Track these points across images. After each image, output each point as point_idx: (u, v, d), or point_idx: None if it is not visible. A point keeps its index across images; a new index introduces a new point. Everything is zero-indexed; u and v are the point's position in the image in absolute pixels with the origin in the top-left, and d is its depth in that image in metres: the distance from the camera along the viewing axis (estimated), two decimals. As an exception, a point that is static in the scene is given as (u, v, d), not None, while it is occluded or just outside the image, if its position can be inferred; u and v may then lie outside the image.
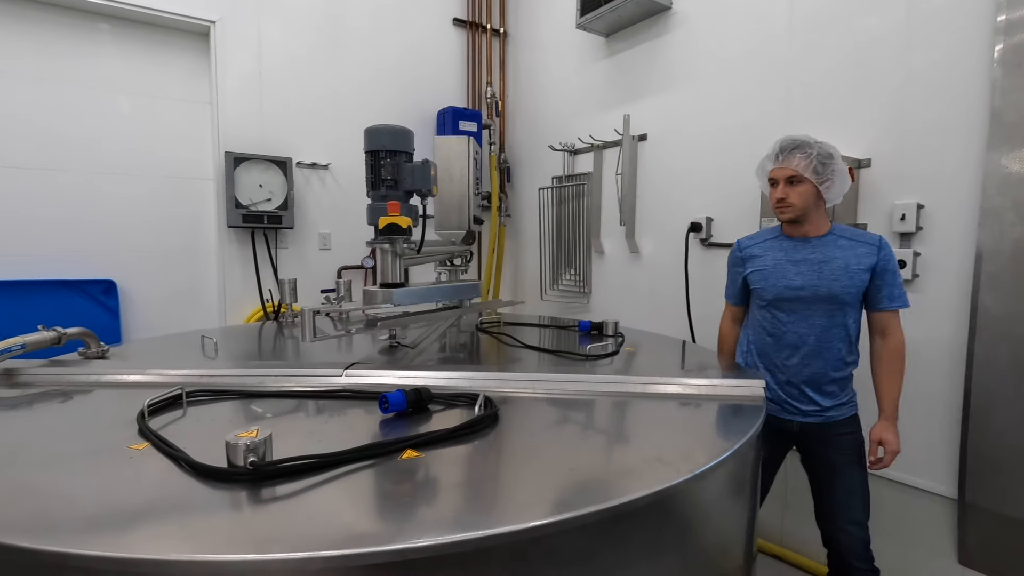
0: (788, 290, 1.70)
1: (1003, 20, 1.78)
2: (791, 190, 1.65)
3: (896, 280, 1.63)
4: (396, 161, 1.60)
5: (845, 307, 1.65)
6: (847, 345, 1.69)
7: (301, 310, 1.55)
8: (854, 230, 1.73)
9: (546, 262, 3.72)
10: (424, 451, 0.95)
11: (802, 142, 1.65)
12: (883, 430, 1.67)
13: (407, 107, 3.69)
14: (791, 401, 1.76)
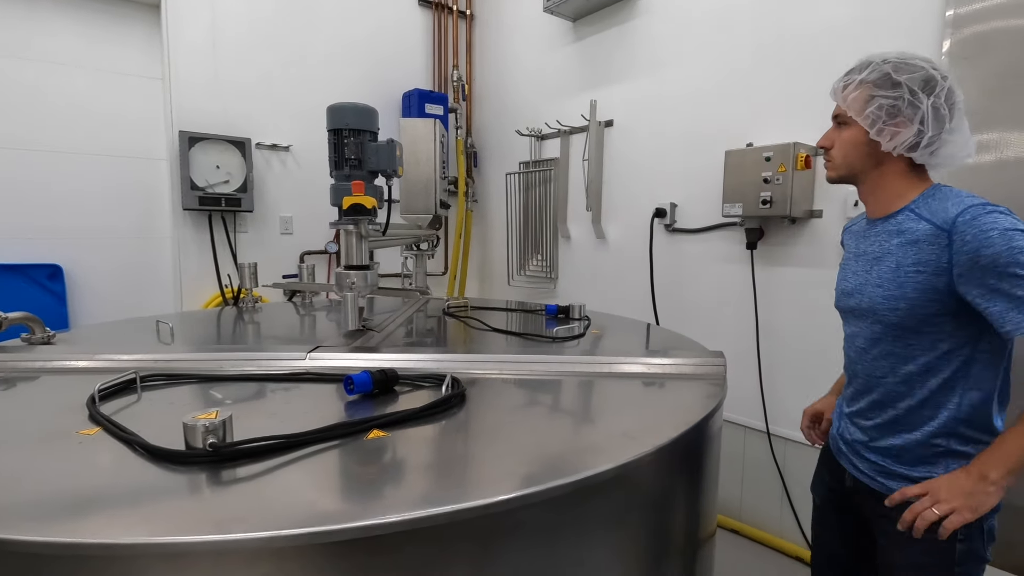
0: (843, 296, 1.23)
1: (951, 15, 1.85)
2: (837, 135, 1.15)
3: (1017, 280, 0.92)
4: (360, 140, 1.57)
5: (906, 332, 1.07)
6: (920, 392, 1.08)
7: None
8: (943, 199, 1.04)
9: (513, 247, 3.72)
10: (391, 431, 0.94)
11: (860, 62, 1.12)
12: (953, 473, 1.04)
13: (372, 89, 3.60)
14: (839, 436, 1.27)
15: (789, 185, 2.16)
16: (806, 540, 2.37)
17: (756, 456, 2.53)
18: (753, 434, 2.53)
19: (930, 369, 1.06)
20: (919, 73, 1.05)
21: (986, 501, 0.98)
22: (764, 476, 2.51)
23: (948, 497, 0.99)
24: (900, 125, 1.05)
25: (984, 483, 0.98)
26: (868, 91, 1.07)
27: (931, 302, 1.02)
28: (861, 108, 1.08)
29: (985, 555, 1.08)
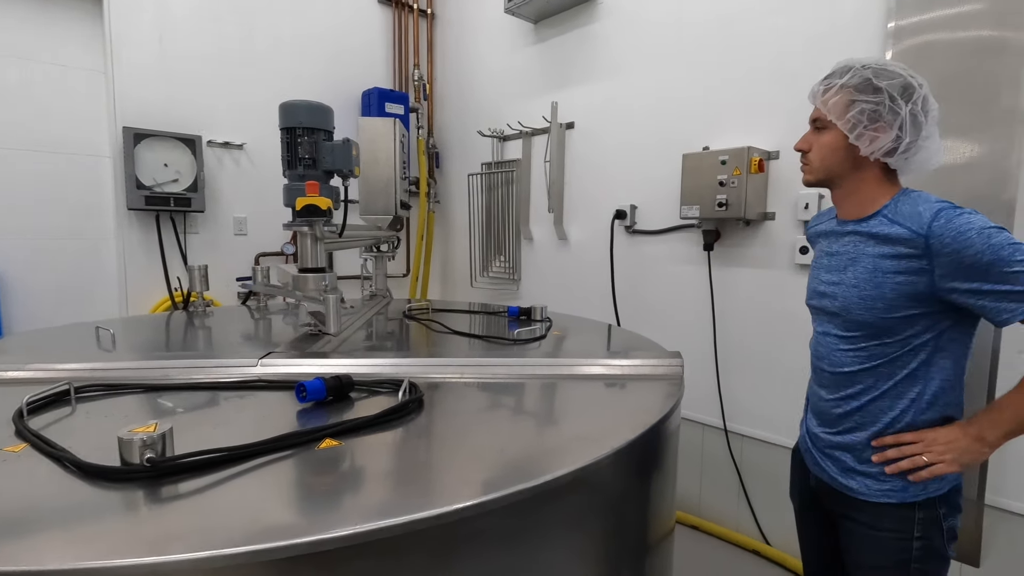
0: (815, 295, 1.23)
1: (893, 27, 1.93)
2: (814, 139, 1.16)
3: (1001, 275, 0.95)
4: (314, 139, 1.52)
5: (880, 331, 1.09)
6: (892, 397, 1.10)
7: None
8: (914, 203, 1.06)
9: (476, 249, 3.70)
10: (344, 439, 0.91)
11: (838, 68, 1.12)
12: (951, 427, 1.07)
13: (330, 87, 3.52)
14: (806, 434, 1.29)
15: (744, 188, 2.22)
16: (762, 534, 2.44)
17: (714, 453, 2.59)
18: (711, 431, 2.59)
19: (896, 362, 1.08)
20: (898, 80, 1.06)
21: (976, 458, 1.03)
22: (722, 472, 2.57)
23: (942, 451, 1.03)
24: (880, 130, 1.06)
25: (980, 444, 1.02)
26: (849, 95, 1.08)
27: (908, 303, 1.04)
28: (842, 112, 1.08)
29: (947, 552, 1.12)
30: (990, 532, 1.83)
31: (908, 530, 1.10)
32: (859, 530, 1.15)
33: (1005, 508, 1.80)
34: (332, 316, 1.43)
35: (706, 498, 2.64)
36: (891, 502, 1.10)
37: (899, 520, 1.10)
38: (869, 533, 1.13)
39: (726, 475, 2.55)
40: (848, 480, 1.16)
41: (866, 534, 1.14)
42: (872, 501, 1.12)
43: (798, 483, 1.36)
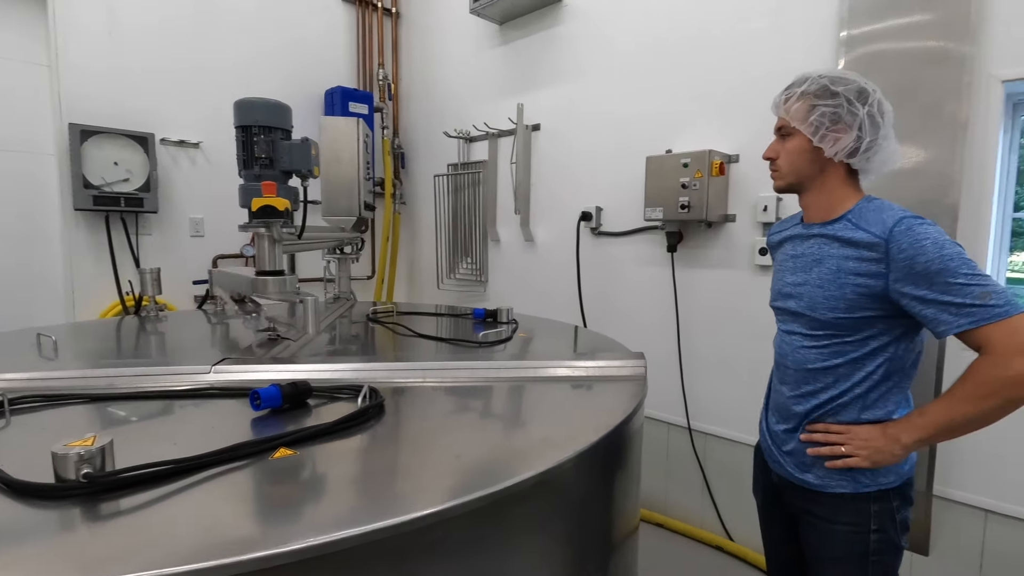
0: (780, 296, 1.27)
1: (845, 36, 2.00)
2: (781, 147, 1.21)
3: (946, 286, 0.99)
4: (272, 138, 1.48)
5: (841, 331, 1.13)
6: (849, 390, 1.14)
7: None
8: (877, 210, 1.11)
9: (443, 250, 3.67)
10: (300, 448, 0.88)
11: (798, 77, 1.18)
12: (873, 426, 1.12)
13: (292, 85, 3.44)
14: (767, 431, 1.33)
15: (705, 190, 2.26)
16: (725, 530, 2.49)
17: (679, 451, 2.63)
18: (676, 430, 2.63)
19: (856, 363, 1.13)
20: (853, 85, 1.13)
21: (888, 459, 1.09)
22: (687, 470, 2.61)
23: (859, 446, 1.10)
24: (841, 131, 1.12)
25: (894, 444, 1.08)
26: (810, 101, 1.14)
27: (867, 304, 1.09)
28: (804, 117, 1.14)
29: (900, 543, 1.17)
30: (938, 522, 1.91)
31: (865, 523, 1.14)
32: (819, 524, 1.19)
33: (952, 498, 1.88)
34: (311, 318, 1.39)
35: (671, 496, 2.68)
36: (845, 492, 1.14)
37: (856, 513, 1.14)
38: (828, 527, 1.17)
39: (691, 473, 2.59)
40: (805, 474, 1.20)
41: (825, 528, 1.17)
42: (827, 492, 1.16)
43: (760, 480, 1.39)
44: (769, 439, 1.31)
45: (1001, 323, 0.96)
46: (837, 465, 1.13)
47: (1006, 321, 0.96)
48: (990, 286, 0.98)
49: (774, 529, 1.38)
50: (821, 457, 1.16)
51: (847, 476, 1.14)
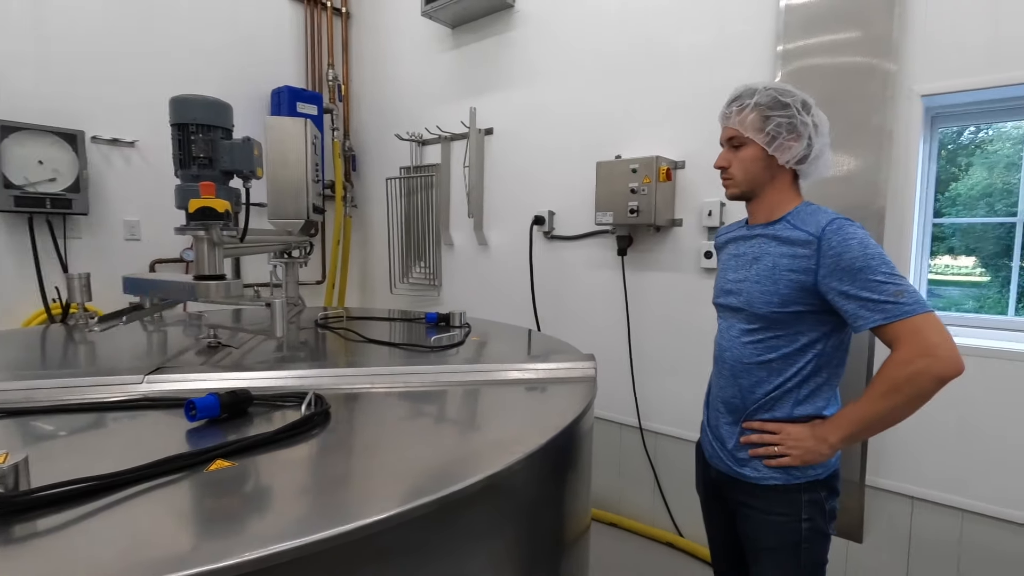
0: (722, 293, 1.33)
1: (781, 50, 2.10)
2: (733, 156, 1.25)
3: (866, 283, 1.06)
4: (211, 137, 1.42)
5: (775, 325, 1.19)
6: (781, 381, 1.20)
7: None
8: (813, 213, 1.19)
9: (395, 254, 3.62)
10: (239, 459, 0.84)
11: (744, 90, 1.24)
12: (804, 426, 1.18)
13: (236, 83, 3.32)
14: (707, 426, 1.38)
15: (653, 196, 2.32)
16: (675, 527, 2.55)
17: (631, 451, 2.68)
18: (628, 430, 2.68)
19: (789, 360, 1.19)
20: (797, 97, 1.21)
21: (816, 458, 1.16)
22: (638, 469, 2.66)
23: (791, 445, 1.17)
24: (794, 140, 1.20)
25: (822, 444, 1.15)
26: (763, 112, 1.20)
27: (799, 299, 1.16)
28: (760, 127, 1.20)
29: (828, 531, 1.24)
30: (870, 510, 2.02)
31: (796, 513, 1.20)
32: (755, 515, 1.24)
33: (883, 488, 1.99)
34: (279, 320, 1.35)
35: (624, 495, 2.72)
36: (778, 483, 1.20)
37: (788, 504, 1.20)
38: (763, 518, 1.23)
39: (642, 472, 2.64)
40: (743, 469, 1.25)
41: (761, 519, 1.23)
42: (762, 485, 1.22)
43: (701, 476, 1.44)
44: (710, 435, 1.36)
45: (908, 320, 1.04)
46: (772, 464, 1.20)
47: (912, 319, 1.04)
48: (903, 286, 1.06)
49: (715, 522, 1.43)
50: (754, 449, 1.23)
51: (780, 469, 1.20)
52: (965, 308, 2.10)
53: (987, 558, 1.83)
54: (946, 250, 2.15)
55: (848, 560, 2.08)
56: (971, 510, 1.84)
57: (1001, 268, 2.03)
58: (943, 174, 2.08)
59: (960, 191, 2.12)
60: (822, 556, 1.24)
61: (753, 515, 1.24)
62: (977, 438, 1.82)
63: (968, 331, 1.94)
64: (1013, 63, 1.71)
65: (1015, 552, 1.78)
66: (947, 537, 1.89)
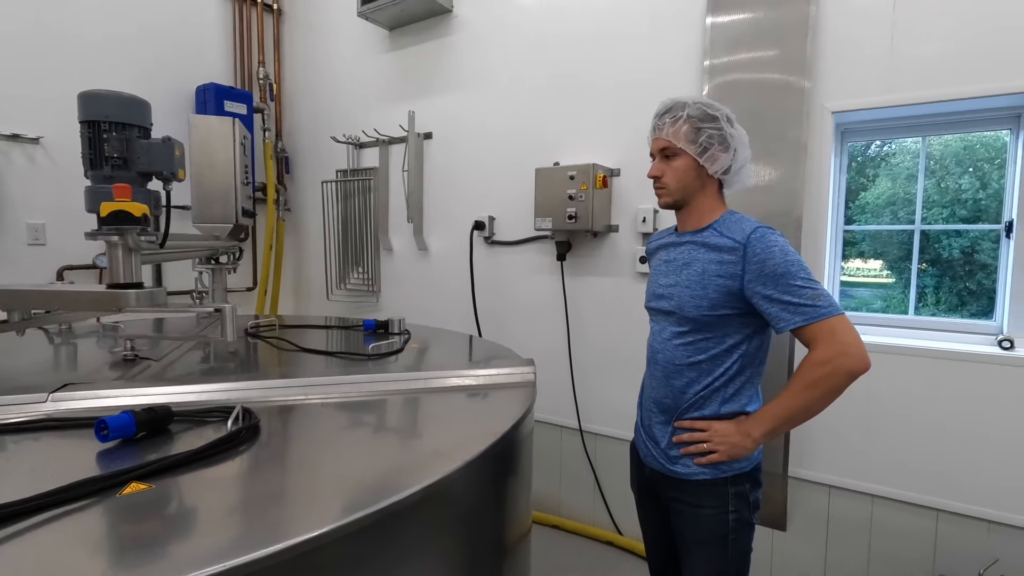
0: (654, 297, 1.38)
1: (708, 65, 2.21)
2: (666, 166, 1.30)
3: (787, 287, 1.14)
4: (126, 136, 1.33)
5: (704, 327, 1.25)
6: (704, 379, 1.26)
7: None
8: (737, 222, 1.26)
9: (332, 260, 3.52)
10: (157, 481, 0.79)
11: (675, 103, 1.29)
12: (729, 423, 1.25)
13: (156, 79, 3.12)
14: (640, 426, 1.43)
15: (591, 202, 2.38)
16: (615, 525, 2.61)
17: (571, 453, 2.72)
18: (568, 432, 2.72)
19: (717, 360, 1.26)
20: (723, 111, 1.28)
21: (742, 452, 1.22)
22: (579, 471, 2.70)
23: (718, 441, 1.23)
24: (722, 151, 1.27)
25: (746, 438, 1.21)
26: (695, 124, 1.26)
27: (727, 302, 1.22)
28: (693, 138, 1.26)
29: (752, 520, 1.31)
30: (793, 499, 2.14)
31: (724, 505, 1.26)
32: (686, 510, 1.30)
33: (805, 478, 2.12)
34: (229, 326, 1.28)
35: (565, 497, 2.76)
36: (707, 478, 1.26)
37: (716, 497, 1.26)
38: (694, 512, 1.28)
39: (583, 473, 2.69)
40: (674, 466, 1.30)
41: (692, 513, 1.29)
42: (692, 480, 1.27)
43: (635, 474, 1.48)
44: (643, 435, 1.40)
45: (825, 322, 1.13)
46: (702, 462, 1.25)
47: (828, 320, 1.13)
48: (819, 290, 1.15)
49: (649, 519, 1.48)
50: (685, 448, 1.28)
51: (709, 464, 1.26)
52: (874, 308, 2.28)
53: (894, 538, 1.98)
54: (857, 254, 2.32)
55: (774, 548, 2.20)
56: (879, 495, 1.99)
57: (904, 271, 2.22)
58: (853, 184, 2.25)
59: (868, 200, 2.31)
60: (748, 545, 1.31)
61: (684, 510, 1.30)
62: (883, 428, 1.97)
63: (877, 329, 2.10)
64: (908, 85, 1.88)
65: (917, 531, 1.94)
66: (859, 521, 2.04)
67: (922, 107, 1.92)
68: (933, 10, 1.84)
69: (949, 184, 2.13)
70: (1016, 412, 1.78)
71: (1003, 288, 1.95)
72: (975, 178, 2.09)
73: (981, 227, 2.05)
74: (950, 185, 2.13)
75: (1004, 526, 1.81)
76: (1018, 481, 1.79)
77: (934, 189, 2.14)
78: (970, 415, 1.85)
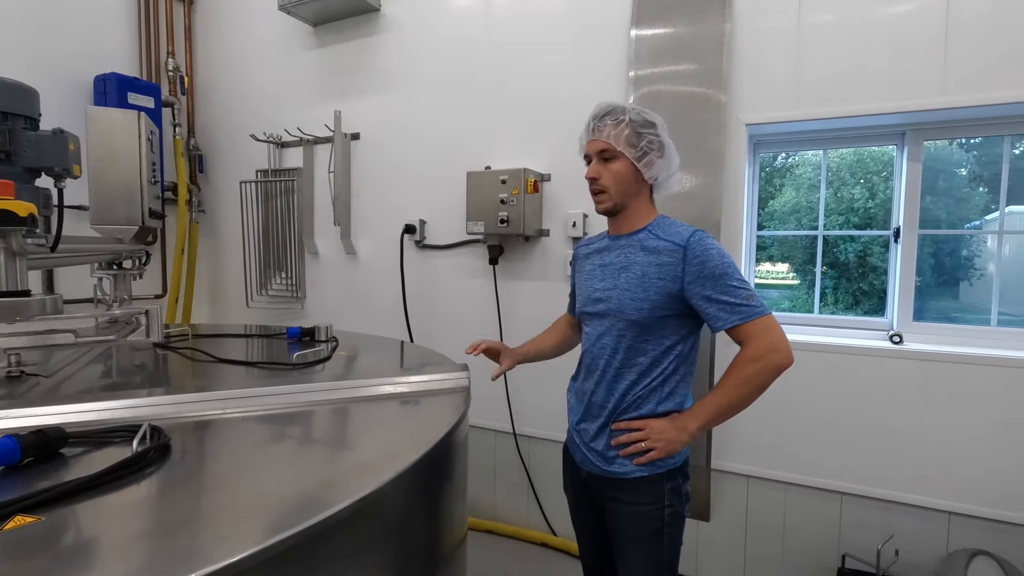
0: (590, 302, 1.38)
1: (633, 75, 2.29)
2: (603, 169, 1.30)
3: (724, 288, 1.20)
4: (10, 127, 1.19)
5: (644, 330, 1.28)
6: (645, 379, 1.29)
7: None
8: (672, 225, 1.31)
9: (252, 264, 3.33)
10: (47, 512, 0.70)
11: (615, 107, 1.31)
12: (664, 420, 1.28)
13: (46, 66, 2.83)
14: (574, 430, 1.44)
15: (522, 206, 2.39)
16: (549, 526, 2.63)
17: (506, 457, 2.72)
18: (502, 436, 2.72)
19: (655, 361, 1.28)
20: (659, 119, 1.32)
21: (678, 447, 1.25)
22: (513, 474, 2.71)
23: (656, 438, 1.25)
24: (659, 157, 1.30)
25: (682, 433, 1.24)
26: (636, 129, 1.28)
27: (666, 304, 1.25)
28: (634, 143, 1.28)
29: (684, 513, 1.34)
30: (715, 491, 2.26)
31: (660, 500, 1.29)
32: (622, 508, 1.31)
33: (726, 470, 2.24)
34: (156, 327, 1.16)
35: (499, 501, 2.76)
36: (643, 475, 1.28)
37: (652, 493, 1.29)
38: (631, 509, 1.30)
39: (517, 476, 2.70)
40: (611, 466, 1.31)
41: (628, 511, 1.30)
42: (630, 478, 1.28)
43: (570, 477, 1.48)
44: (578, 439, 1.40)
45: (758, 321, 1.19)
46: (642, 461, 1.26)
47: (761, 319, 1.19)
48: (752, 291, 1.21)
49: (584, 520, 1.49)
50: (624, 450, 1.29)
51: (647, 462, 1.27)
52: (782, 307, 2.45)
53: (805, 522, 2.13)
54: (767, 258, 2.49)
55: (699, 539, 2.31)
56: (792, 482, 2.14)
57: (807, 273, 2.41)
58: (762, 192, 2.41)
59: (776, 207, 2.48)
60: (680, 537, 1.36)
61: (621, 508, 1.31)
62: (794, 420, 2.12)
63: (787, 328, 2.25)
64: (811, 102, 2.04)
65: (824, 514, 2.10)
66: (774, 508, 2.18)
67: (823, 122, 2.09)
68: (832, 33, 2.01)
69: (844, 194, 2.34)
70: (906, 400, 1.97)
71: (892, 288, 2.15)
72: (865, 188, 2.31)
73: (874, 233, 2.25)
74: (845, 195, 2.34)
75: (898, 504, 1.99)
76: (909, 463, 1.97)
77: (832, 198, 2.33)
78: (867, 404, 2.02)
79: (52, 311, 1.22)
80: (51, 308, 1.22)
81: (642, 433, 1.27)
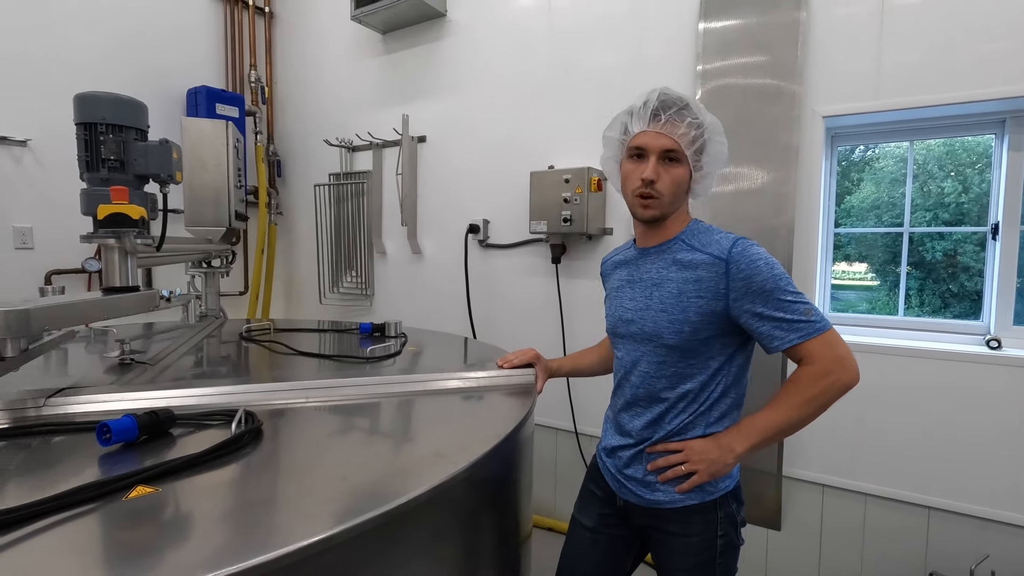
0: (621, 322, 1.25)
1: (700, 70, 2.23)
2: (665, 171, 1.13)
3: (778, 303, 1.06)
4: (122, 138, 1.32)
5: (687, 354, 1.15)
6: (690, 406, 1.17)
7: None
8: (708, 233, 1.16)
9: (324, 263, 3.50)
10: (163, 484, 0.78)
11: (688, 102, 1.14)
12: (707, 439, 1.15)
13: (145, 82, 3.10)
14: (605, 456, 1.32)
15: (585, 205, 2.39)
16: (610, 526, 2.61)
17: (567, 456, 2.73)
18: (564, 435, 2.72)
19: (704, 386, 1.15)
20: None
21: (723, 469, 1.12)
22: (573, 473, 2.71)
23: (696, 460, 1.12)
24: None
25: (729, 455, 1.11)
26: (712, 136, 1.13)
27: (710, 325, 1.11)
28: (702, 150, 1.13)
29: (738, 541, 1.21)
30: (787, 499, 2.17)
31: (713, 530, 1.16)
32: (670, 540, 1.19)
33: (799, 477, 2.14)
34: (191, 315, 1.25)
35: (560, 500, 2.76)
36: (694, 503, 1.16)
37: (705, 523, 1.16)
38: (680, 540, 1.18)
39: (578, 476, 2.69)
40: (654, 494, 1.19)
41: (677, 542, 1.18)
42: (677, 507, 1.16)
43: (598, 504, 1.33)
44: (611, 466, 1.28)
45: (820, 337, 1.06)
46: (684, 488, 1.14)
47: (823, 336, 1.06)
48: (808, 303, 1.08)
49: (599, 549, 1.33)
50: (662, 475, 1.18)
51: (691, 488, 1.15)
52: (859, 309, 2.31)
53: (886, 536, 2.01)
54: (842, 257, 2.36)
55: (768, 548, 2.22)
56: (872, 493, 2.02)
57: (888, 273, 2.26)
58: (839, 188, 2.29)
59: (853, 203, 2.34)
60: (733, 567, 1.22)
61: (668, 539, 1.19)
62: (872, 428, 2.00)
63: (868, 330, 2.14)
64: (893, 91, 1.92)
65: (908, 528, 1.97)
66: (852, 519, 2.06)
67: (909, 112, 1.96)
68: (916, 16, 1.88)
69: (932, 188, 2.18)
70: (1004, 410, 1.82)
71: (990, 289, 1.99)
72: (957, 182, 2.14)
73: (968, 229, 2.09)
74: (933, 189, 2.18)
75: (995, 523, 1.84)
76: (1008, 479, 1.82)
77: (917, 193, 2.18)
78: (959, 414, 1.88)
79: (153, 305, 1.34)
80: (152, 303, 1.34)
81: (681, 455, 1.14)
